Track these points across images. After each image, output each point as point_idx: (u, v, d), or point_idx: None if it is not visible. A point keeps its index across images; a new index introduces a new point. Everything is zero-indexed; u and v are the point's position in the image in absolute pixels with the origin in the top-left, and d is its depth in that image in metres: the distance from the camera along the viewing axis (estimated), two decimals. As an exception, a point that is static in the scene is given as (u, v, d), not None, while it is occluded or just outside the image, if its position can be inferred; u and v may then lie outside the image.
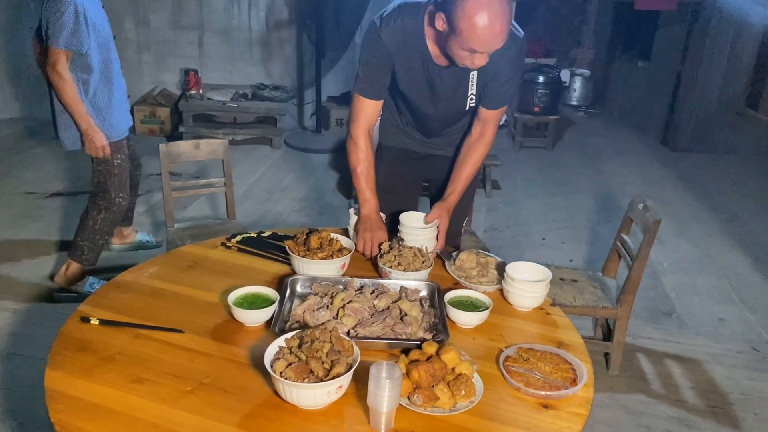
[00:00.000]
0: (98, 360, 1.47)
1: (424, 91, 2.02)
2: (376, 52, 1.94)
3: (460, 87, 1.99)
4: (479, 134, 2.08)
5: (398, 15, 1.90)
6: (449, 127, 2.18)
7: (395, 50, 1.93)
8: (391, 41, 1.91)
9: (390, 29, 1.90)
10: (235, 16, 5.60)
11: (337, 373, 1.35)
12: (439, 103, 2.05)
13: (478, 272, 1.94)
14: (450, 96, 2.02)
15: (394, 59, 1.95)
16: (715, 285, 3.38)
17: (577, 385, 1.46)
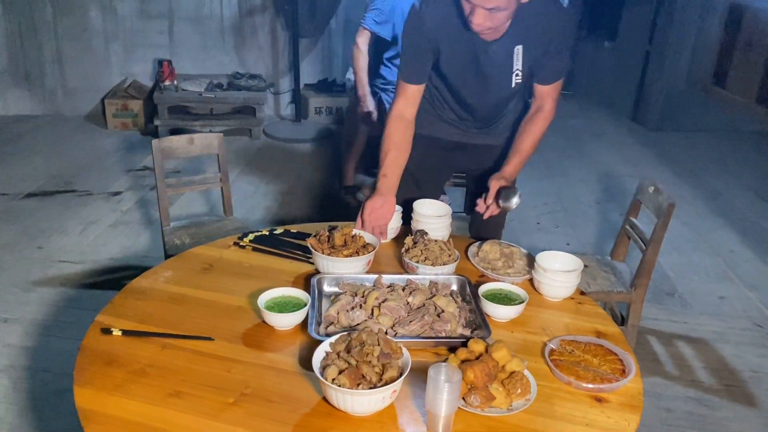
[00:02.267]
0: (128, 374, 1.39)
1: (469, 68, 1.95)
2: (419, 36, 1.89)
3: (504, 63, 1.91)
4: (537, 108, 2.01)
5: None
6: (492, 112, 2.11)
7: (439, 29, 1.86)
8: (434, 20, 1.85)
9: (432, 8, 1.84)
10: (206, 3, 5.42)
11: (390, 377, 1.30)
12: (484, 81, 1.97)
13: (503, 263, 1.91)
14: (495, 72, 1.94)
15: (438, 40, 1.88)
16: (711, 263, 3.43)
17: (627, 376, 1.44)
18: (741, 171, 4.87)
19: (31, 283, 2.98)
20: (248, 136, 5.22)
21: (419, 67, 1.95)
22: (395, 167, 2.00)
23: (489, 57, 1.89)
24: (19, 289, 2.92)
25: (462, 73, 1.97)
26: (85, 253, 3.27)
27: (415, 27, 1.88)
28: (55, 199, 3.90)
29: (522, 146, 2.01)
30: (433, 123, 2.19)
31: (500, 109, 2.11)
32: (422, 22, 1.86)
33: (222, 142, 2.70)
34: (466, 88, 2.02)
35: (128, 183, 4.20)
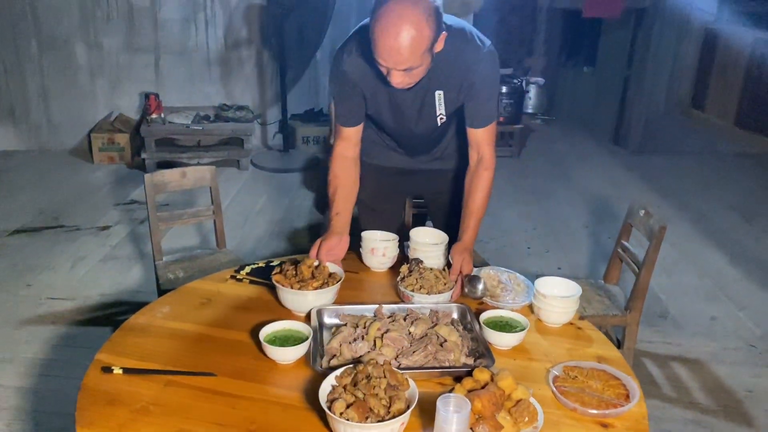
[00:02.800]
0: (132, 413, 1.37)
1: (391, 114, 2.00)
2: (344, 84, 1.92)
3: (424, 107, 1.95)
4: (477, 160, 1.98)
5: (358, 41, 1.87)
6: (426, 144, 2.16)
7: (360, 78, 1.90)
8: (354, 70, 1.89)
9: (352, 58, 1.88)
10: (192, 36, 5.46)
11: (398, 409, 1.30)
12: (407, 124, 2.02)
13: (501, 290, 1.92)
14: (416, 117, 1.99)
15: (360, 86, 1.92)
16: (700, 284, 3.47)
17: (630, 401, 1.45)
18: (723, 192, 4.96)
19: (21, 322, 2.93)
20: (236, 167, 5.23)
21: (351, 110, 1.98)
22: (346, 205, 2.02)
23: (408, 103, 1.94)
24: (10, 328, 2.88)
25: (386, 115, 2.01)
26: (75, 290, 3.23)
27: (339, 74, 1.91)
28: (42, 235, 3.86)
29: (474, 206, 1.98)
30: (382, 152, 2.24)
31: (435, 141, 2.15)
32: (342, 69, 1.89)
33: (215, 174, 2.71)
34: (392, 128, 2.07)
35: (117, 217, 4.17)
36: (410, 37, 1.62)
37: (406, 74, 1.72)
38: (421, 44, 1.65)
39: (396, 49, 1.64)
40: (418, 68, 1.71)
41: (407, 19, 1.61)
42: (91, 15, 5.33)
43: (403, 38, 1.62)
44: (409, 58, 1.66)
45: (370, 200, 2.27)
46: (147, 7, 5.35)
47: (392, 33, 1.61)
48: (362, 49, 1.85)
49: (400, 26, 1.61)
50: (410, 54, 1.65)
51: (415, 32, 1.62)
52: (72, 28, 5.34)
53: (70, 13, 5.29)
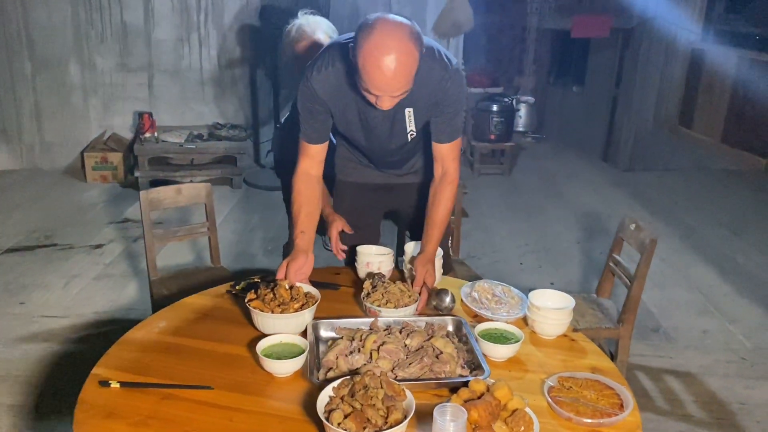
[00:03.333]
0: (129, 427, 1.38)
1: (362, 131, 2.02)
2: (311, 101, 1.93)
3: (396, 125, 1.99)
4: (441, 174, 2.03)
5: (328, 59, 1.88)
6: (401, 158, 2.19)
7: (328, 96, 1.91)
8: (322, 88, 1.89)
9: (321, 76, 1.88)
10: (185, 56, 5.50)
11: (395, 419, 1.32)
12: (378, 141, 2.05)
13: (496, 302, 1.94)
14: (387, 134, 2.02)
15: (329, 104, 1.93)
16: (691, 298, 3.51)
17: (624, 410, 1.47)
18: (712, 208, 5.02)
19: (14, 340, 2.92)
20: (229, 186, 5.24)
21: (317, 128, 1.98)
22: (311, 223, 2.00)
23: (378, 120, 1.97)
24: (2, 346, 2.86)
25: (357, 133, 2.04)
26: (69, 308, 3.22)
27: (308, 93, 1.92)
28: (36, 254, 3.86)
29: (436, 217, 2.02)
30: (356, 169, 2.27)
31: (408, 156, 2.19)
32: (311, 85, 1.89)
33: (210, 191, 2.73)
34: (364, 144, 2.09)
35: (110, 235, 4.17)
36: (403, 67, 1.65)
37: (396, 98, 1.75)
38: (412, 69, 1.69)
39: (391, 80, 1.66)
40: (407, 90, 1.74)
41: (398, 49, 1.63)
42: (84, 35, 5.37)
43: (397, 69, 1.64)
44: (403, 85, 1.70)
45: (349, 217, 2.28)
46: (140, 28, 5.39)
47: (385, 65, 1.63)
48: (332, 67, 1.86)
49: (392, 58, 1.63)
50: (404, 82, 1.69)
51: (406, 61, 1.65)
52: (66, 48, 5.37)
53: (64, 33, 5.33)
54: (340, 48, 1.87)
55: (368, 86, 1.70)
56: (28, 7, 5.23)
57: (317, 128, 1.98)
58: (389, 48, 1.63)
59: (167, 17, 5.39)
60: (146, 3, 5.34)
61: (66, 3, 5.26)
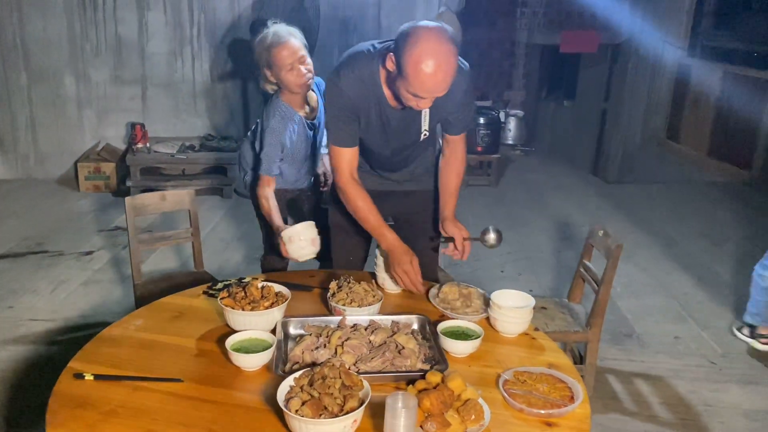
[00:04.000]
0: (100, 415, 1.45)
1: (379, 131, 2.12)
2: (340, 103, 2.03)
3: (413, 125, 2.11)
4: (451, 152, 2.23)
5: (353, 65, 2.01)
6: (405, 161, 2.29)
7: (355, 98, 2.02)
8: (351, 90, 2.01)
9: (348, 79, 2.00)
10: (178, 69, 5.61)
11: (350, 407, 1.38)
12: (393, 141, 2.16)
13: (462, 303, 2.01)
14: (403, 134, 2.14)
15: (356, 106, 2.04)
16: (666, 305, 3.58)
17: (575, 402, 1.54)
18: (694, 219, 5.10)
19: (1, 342, 2.98)
20: (220, 196, 5.33)
21: (350, 131, 2.08)
22: (380, 224, 2.11)
23: (397, 122, 2.08)
24: (-12, 348, 2.93)
25: (373, 134, 2.13)
26: (56, 312, 3.29)
27: (336, 97, 2.03)
28: (26, 260, 3.93)
29: (452, 186, 2.23)
30: (360, 177, 2.34)
31: (411, 159, 2.29)
32: (342, 94, 2.01)
33: (193, 198, 2.80)
34: (378, 145, 2.19)
35: (100, 243, 4.24)
36: (450, 68, 1.79)
37: (431, 99, 1.89)
38: (455, 69, 1.82)
39: (440, 82, 1.79)
40: None
41: (444, 52, 1.76)
42: (80, 48, 5.49)
43: (445, 71, 1.78)
44: (447, 87, 1.83)
45: (343, 222, 2.37)
46: (134, 41, 5.51)
47: (435, 69, 1.76)
48: (358, 73, 1.99)
49: (440, 61, 1.76)
50: (450, 82, 1.82)
51: (452, 65, 1.79)
52: (61, 61, 5.48)
53: (59, 46, 5.44)
54: (362, 56, 1.99)
55: (416, 90, 1.82)
56: (25, 21, 5.35)
57: (351, 131, 2.08)
58: (437, 52, 1.75)
59: (161, 31, 5.51)
60: (140, 17, 5.46)
61: (62, 17, 5.38)
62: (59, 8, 5.36)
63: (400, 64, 1.80)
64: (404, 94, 1.87)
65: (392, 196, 2.36)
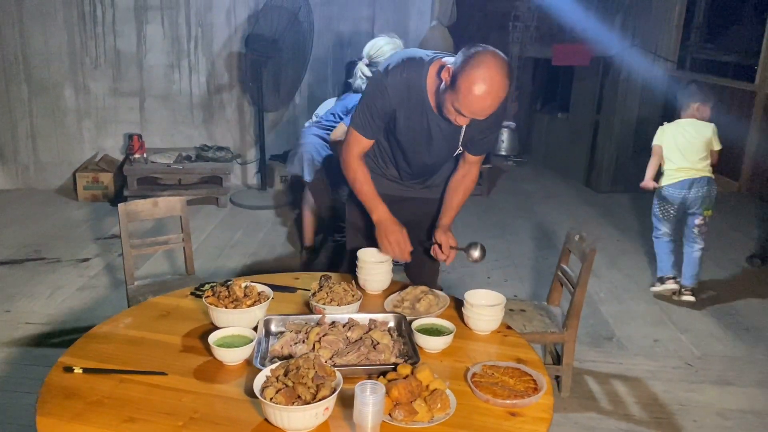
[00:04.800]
0: (87, 405, 1.53)
1: (422, 139, 2.21)
2: (380, 100, 2.14)
3: (453, 138, 2.20)
4: (465, 173, 2.33)
5: (403, 68, 2.10)
6: (433, 170, 2.39)
7: (398, 100, 2.12)
8: (395, 91, 2.11)
9: (395, 81, 2.10)
10: (176, 82, 5.73)
11: (322, 396, 1.46)
12: (433, 150, 2.25)
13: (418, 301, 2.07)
14: (442, 144, 2.23)
15: (395, 107, 2.14)
16: (648, 310, 3.66)
17: (538, 393, 1.62)
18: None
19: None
20: (215, 205, 5.43)
21: (376, 125, 2.20)
22: (374, 196, 2.28)
23: (441, 131, 2.17)
24: (-15, 350, 3.02)
25: (415, 139, 2.23)
26: (51, 316, 3.38)
27: (377, 91, 2.14)
28: (24, 267, 4.02)
29: (456, 202, 2.33)
30: (377, 179, 2.41)
31: (439, 168, 2.38)
32: (384, 89, 2.11)
33: (185, 204, 2.90)
34: (414, 151, 2.28)
35: (97, 250, 4.34)
36: (498, 99, 1.90)
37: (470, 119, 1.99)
38: (500, 102, 1.93)
39: (486, 108, 1.91)
40: None
41: (498, 83, 1.87)
42: (79, 61, 5.61)
43: (493, 100, 1.89)
44: (489, 113, 1.95)
45: (358, 221, 2.47)
46: (133, 54, 5.63)
47: (486, 96, 1.87)
48: (407, 76, 2.09)
49: (492, 90, 1.86)
50: (492, 111, 1.94)
51: (501, 94, 1.90)
52: (61, 74, 5.60)
53: (60, 59, 5.56)
54: (416, 62, 2.10)
55: (462, 108, 1.92)
56: (26, 34, 5.48)
57: (377, 125, 2.20)
58: (493, 80, 1.86)
59: (159, 45, 5.63)
60: (139, 31, 5.59)
61: (62, 30, 5.51)
62: (59, 22, 5.49)
63: (456, 78, 1.90)
64: (448, 107, 1.97)
65: (408, 202, 2.45)
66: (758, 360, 3.15)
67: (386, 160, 2.40)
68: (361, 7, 5.69)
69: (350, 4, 5.67)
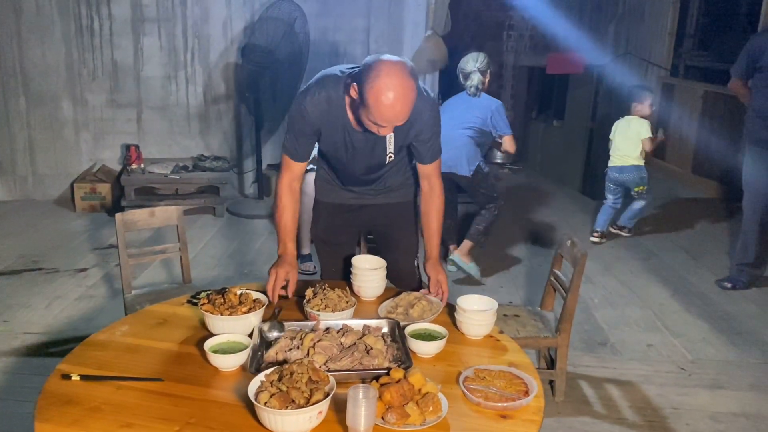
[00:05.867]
0: (85, 411, 1.55)
1: (345, 152, 2.26)
2: (301, 122, 2.18)
3: (377, 147, 2.23)
4: (429, 188, 2.33)
5: (321, 87, 2.15)
6: (376, 179, 2.41)
7: (318, 119, 2.16)
8: (314, 111, 2.15)
9: (314, 100, 2.14)
10: (173, 93, 5.78)
11: (316, 400, 1.49)
12: (360, 161, 2.29)
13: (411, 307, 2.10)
14: (368, 155, 2.26)
15: (319, 126, 2.18)
16: (642, 315, 3.69)
17: (529, 396, 1.65)
18: (674, 233, 5.22)
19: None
20: (212, 214, 5.46)
21: (303, 148, 2.24)
22: (294, 234, 2.30)
23: (362, 143, 2.22)
24: (-16, 361, 3.03)
25: (340, 154, 2.28)
26: (50, 326, 3.40)
27: (298, 114, 2.18)
28: (22, 277, 4.04)
29: (434, 227, 2.34)
30: (333, 191, 2.50)
31: (380, 176, 2.41)
32: (304, 110, 2.16)
33: (181, 214, 2.93)
34: (345, 163, 2.33)
35: (94, 260, 4.36)
36: (408, 101, 1.93)
37: (392, 127, 2.02)
38: (413, 102, 1.95)
39: (399, 114, 1.93)
40: None
41: (403, 86, 1.90)
42: (77, 73, 5.66)
43: (404, 104, 1.92)
44: (406, 117, 1.97)
45: (325, 235, 2.53)
46: (130, 66, 5.68)
47: (394, 102, 1.90)
48: (325, 95, 2.13)
49: (399, 95, 1.89)
50: (408, 114, 1.96)
51: (410, 96, 1.93)
52: (59, 86, 5.64)
53: (57, 71, 5.61)
54: (332, 78, 2.14)
55: (376, 120, 1.95)
56: (24, 47, 5.52)
57: (304, 148, 2.24)
58: (396, 86, 1.89)
59: (155, 56, 5.69)
60: (136, 43, 5.64)
61: (60, 43, 5.56)
62: (57, 35, 5.55)
63: (362, 93, 1.93)
64: (366, 121, 2.00)
65: (367, 209, 2.49)
66: (750, 364, 3.18)
67: (331, 174, 2.46)
68: (356, 18, 5.75)
69: (346, 14, 5.73)
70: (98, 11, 5.55)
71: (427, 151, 2.26)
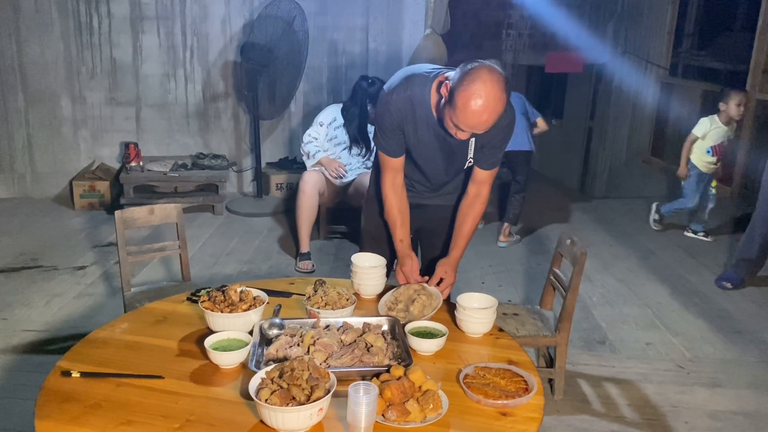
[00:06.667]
0: (85, 408, 1.55)
1: (433, 152, 2.27)
2: (388, 119, 2.21)
3: (459, 151, 2.24)
4: (476, 194, 2.33)
5: (406, 86, 2.17)
6: (447, 181, 2.42)
7: (402, 117, 2.19)
8: (398, 109, 2.18)
9: (398, 99, 2.17)
10: (171, 91, 5.77)
11: (317, 397, 1.49)
12: (443, 162, 2.30)
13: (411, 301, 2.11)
14: (453, 156, 2.27)
15: (402, 125, 2.20)
16: (640, 314, 3.69)
17: (529, 393, 1.65)
18: (673, 231, 5.23)
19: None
20: (211, 212, 5.45)
21: (396, 142, 2.26)
22: (406, 231, 2.35)
23: (450, 144, 2.21)
24: (-17, 358, 3.03)
25: (426, 152, 2.28)
26: (48, 323, 3.39)
27: (384, 110, 2.21)
28: (21, 275, 4.04)
29: (466, 230, 2.35)
30: None
31: (450, 181, 2.43)
32: (388, 108, 2.19)
33: (180, 212, 2.93)
34: (430, 163, 2.33)
35: (93, 258, 4.36)
36: (495, 114, 1.95)
37: (470, 134, 2.04)
38: (499, 115, 1.97)
39: (483, 123, 1.95)
40: None
41: (494, 98, 1.91)
42: (76, 71, 5.65)
43: (490, 116, 1.94)
44: (487, 128, 1.99)
45: (377, 231, 2.53)
46: (129, 64, 5.68)
47: (483, 111, 1.92)
48: (410, 94, 2.16)
49: (488, 106, 1.91)
50: (489, 125, 1.98)
51: (498, 109, 1.94)
52: (58, 83, 5.63)
53: (56, 69, 5.60)
54: (419, 78, 2.16)
55: (459, 123, 1.97)
56: (23, 45, 5.51)
57: (398, 143, 2.26)
58: (488, 95, 1.90)
59: (154, 54, 5.68)
60: (135, 41, 5.64)
61: (59, 41, 5.55)
62: (56, 33, 5.53)
63: (453, 93, 1.95)
64: (448, 122, 2.03)
65: (421, 209, 2.49)
66: (749, 362, 3.19)
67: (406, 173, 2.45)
68: (355, 16, 5.75)
69: (345, 13, 5.73)
70: (97, 9, 5.54)
71: (490, 157, 2.26)
